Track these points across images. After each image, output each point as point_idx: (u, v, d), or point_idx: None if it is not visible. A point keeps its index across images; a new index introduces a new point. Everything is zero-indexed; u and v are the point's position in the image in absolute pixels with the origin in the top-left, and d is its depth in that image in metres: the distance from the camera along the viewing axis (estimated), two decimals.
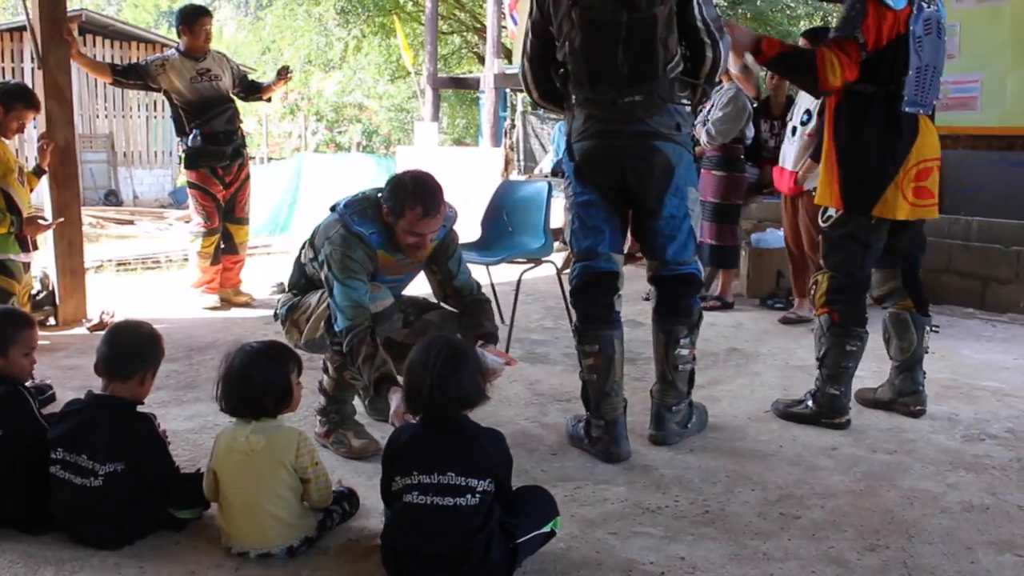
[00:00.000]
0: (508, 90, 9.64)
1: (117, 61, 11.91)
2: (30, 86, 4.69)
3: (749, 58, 3.05)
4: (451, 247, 3.04)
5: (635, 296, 5.26)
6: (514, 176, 7.70)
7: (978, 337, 4.54)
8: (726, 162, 4.99)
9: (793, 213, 4.77)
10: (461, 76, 11.85)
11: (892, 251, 3.20)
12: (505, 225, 4.51)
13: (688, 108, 2.92)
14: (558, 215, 6.63)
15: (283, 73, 5.36)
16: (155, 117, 13.80)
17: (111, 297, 5.34)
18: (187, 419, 3.29)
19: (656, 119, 2.80)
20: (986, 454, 3.01)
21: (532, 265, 4.35)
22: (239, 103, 5.29)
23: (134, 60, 9.04)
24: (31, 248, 4.32)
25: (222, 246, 5.22)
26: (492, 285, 4.94)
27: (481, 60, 15.18)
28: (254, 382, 2.29)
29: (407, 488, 2.10)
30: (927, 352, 3.34)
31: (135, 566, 2.28)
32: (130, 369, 2.43)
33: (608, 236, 2.95)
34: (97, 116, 12.73)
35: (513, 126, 7.94)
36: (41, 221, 4.31)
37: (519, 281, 4.33)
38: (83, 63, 4.88)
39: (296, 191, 10.55)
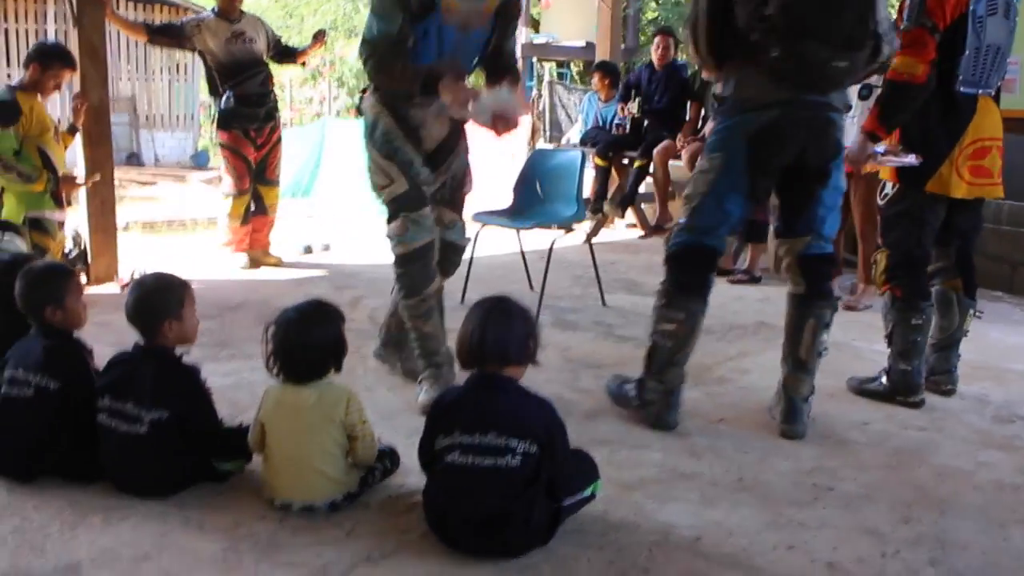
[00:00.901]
0: (534, 59, 9.59)
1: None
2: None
3: (874, 147, 3.04)
4: (516, 9, 3.08)
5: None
6: (541, 146, 7.68)
7: (1007, 320, 4.52)
8: None
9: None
10: None
11: (948, 230, 3.20)
12: (537, 193, 4.51)
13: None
14: (589, 184, 6.61)
15: (319, 37, 5.38)
16: (178, 80, 13.79)
17: (141, 256, 5.38)
18: (223, 376, 3.32)
19: (838, 93, 2.76)
20: (1016, 435, 3.02)
21: (563, 232, 4.36)
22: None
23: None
24: (65, 206, 4.37)
25: (252, 207, 5.25)
26: (523, 252, 4.96)
27: None
28: (316, 349, 2.32)
29: (449, 448, 2.13)
30: (966, 335, 3.35)
31: (180, 515, 2.33)
32: (148, 323, 2.45)
33: (734, 222, 2.92)
34: (119, 79, 12.73)
35: (540, 96, 7.90)
36: (77, 179, 4.36)
37: (551, 248, 4.34)
38: (119, 23, 4.90)
39: (320, 156, 10.53)
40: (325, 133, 10.64)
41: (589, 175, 6.71)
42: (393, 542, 2.22)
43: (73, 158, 4.68)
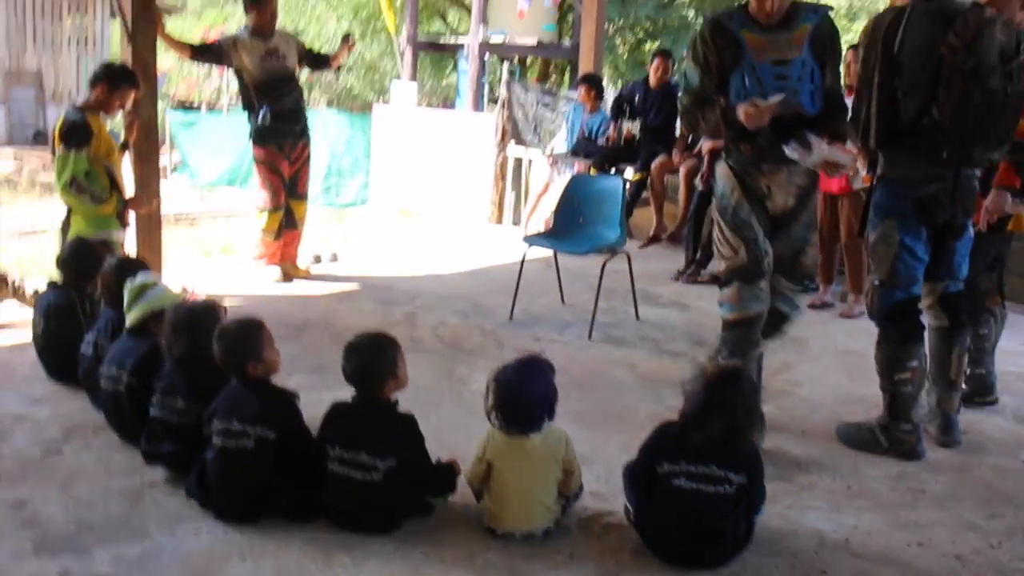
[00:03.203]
0: (487, 56, 9.85)
1: None
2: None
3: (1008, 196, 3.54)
4: (829, 35, 3.19)
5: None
6: (511, 147, 7.98)
7: None
8: None
9: (834, 209, 5.32)
10: (441, 43, 11.86)
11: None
12: (577, 215, 4.88)
13: None
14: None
15: (347, 40, 5.48)
16: (87, 53, 13.13)
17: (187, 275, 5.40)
18: None
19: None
20: None
21: (609, 256, 4.75)
22: None
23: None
24: (127, 225, 4.42)
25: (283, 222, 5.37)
26: (558, 272, 5.32)
27: (443, 18, 15.17)
28: (533, 403, 2.65)
29: (675, 473, 2.54)
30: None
31: (415, 550, 2.62)
32: (371, 385, 2.72)
33: (925, 266, 3.29)
34: (24, 52, 12.01)
35: (506, 98, 8.15)
36: (151, 201, 4.43)
37: (603, 269, 4.72)
38: (167, 41, 4.90)
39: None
40: None
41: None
42: (612, 561, 2.61)
43: None
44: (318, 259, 6.05)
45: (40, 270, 5.56)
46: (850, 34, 17.66)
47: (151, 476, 2.96)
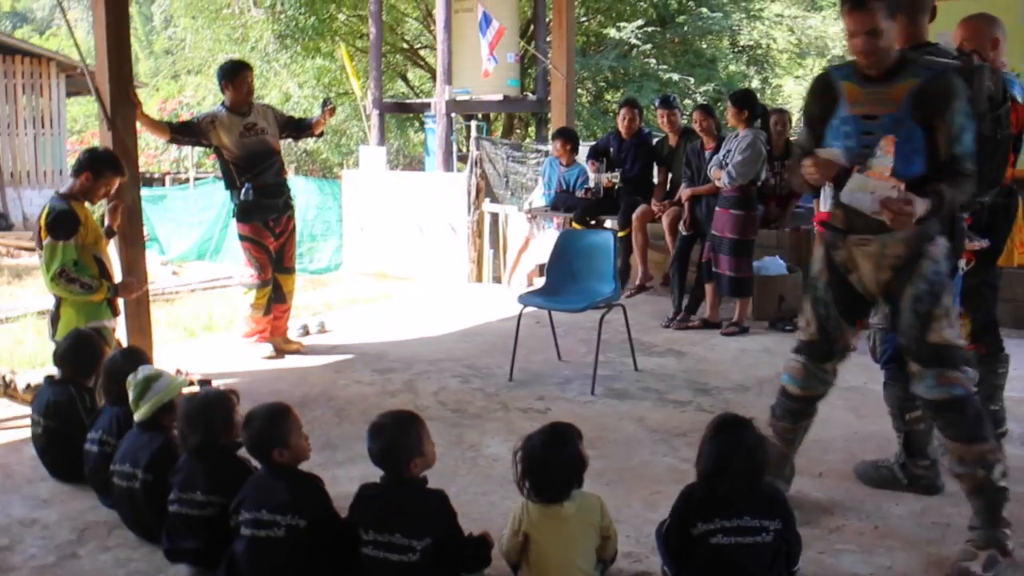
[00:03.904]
0: (453, 114, 9.95)
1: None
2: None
3: None
4: (940, 95, 2.77)
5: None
6: (486, 204, 8.02)
7: None
8: (743, 201, 5.54)
9: None
10: (407, 103, 11.93)
11: None
12: (569, 271, 4.91)
13: None
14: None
15: (326, 105, 5.45)
16: (43, 134, 13.01)
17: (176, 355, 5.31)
18: (360, 480, 3.44)
19: None
20: None
21: (606, 310, 4.77)
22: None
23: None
24: (119, 313, 4.35)
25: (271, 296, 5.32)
26: (553, 328, 5.32)
27: (404, 79, 15.32)
28: (561, 471, 2.62)
29: (711, 532, 2.53)
30: None
31: None
32: (398, 465, 2.68)
33: None
34: None
35: (478, 159, 8.22)
36: (138, 284, 4.37)
37: (600, 323, 4.74)
38: (146, 123, 4.87)
39: (229, 215, 10.39)
40: None
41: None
42: None
43: None
44: (307, 331, 5.99)
45: (23, 363, 5.43)
46: (801, 70, 18.10)
47: (175, 574, 2.88)
